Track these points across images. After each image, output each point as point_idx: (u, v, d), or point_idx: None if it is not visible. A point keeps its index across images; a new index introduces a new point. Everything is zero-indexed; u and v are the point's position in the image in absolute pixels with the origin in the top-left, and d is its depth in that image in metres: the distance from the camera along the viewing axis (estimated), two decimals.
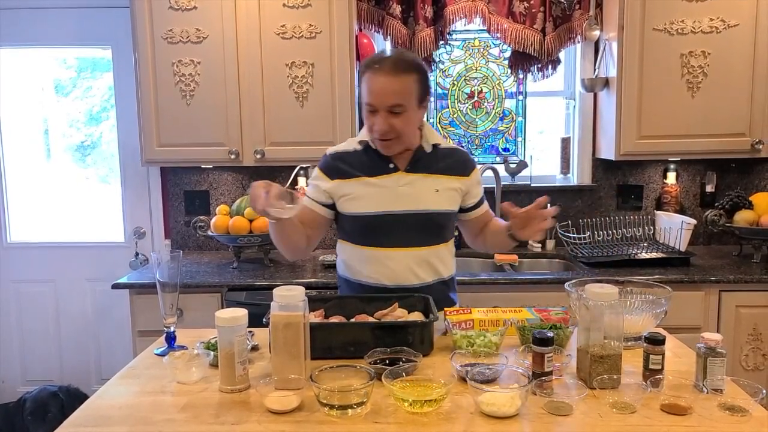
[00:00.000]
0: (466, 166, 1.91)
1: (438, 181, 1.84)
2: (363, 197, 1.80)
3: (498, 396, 1.22)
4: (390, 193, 1.80)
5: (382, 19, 3.04)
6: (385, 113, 1.70)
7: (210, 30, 2.81)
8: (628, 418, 1.21)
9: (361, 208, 1.80)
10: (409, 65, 1.73)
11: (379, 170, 1.82)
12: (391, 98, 1.69)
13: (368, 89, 1.72)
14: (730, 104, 2.80)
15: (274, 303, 1.35)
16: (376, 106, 1.71)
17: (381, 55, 1.78)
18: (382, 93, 1.69)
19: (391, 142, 1.76)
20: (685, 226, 2.82)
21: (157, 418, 1.25)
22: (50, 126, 3.47)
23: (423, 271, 1.83)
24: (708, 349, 1.32)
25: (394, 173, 1.82)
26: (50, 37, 3.26)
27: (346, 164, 1.83)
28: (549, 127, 3.42)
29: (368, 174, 1.81)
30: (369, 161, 1.83)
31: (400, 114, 1.71)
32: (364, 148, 1.84)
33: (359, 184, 1.81)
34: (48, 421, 2.93)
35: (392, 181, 1.81)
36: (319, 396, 1.24)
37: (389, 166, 1.82)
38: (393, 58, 1.74)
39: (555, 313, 1.64)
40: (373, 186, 1.80)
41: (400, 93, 1.70)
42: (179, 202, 3.30)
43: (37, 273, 3.42)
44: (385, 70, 1.69)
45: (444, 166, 1.85)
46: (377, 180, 1.81)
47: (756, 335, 2.61)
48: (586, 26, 2.99)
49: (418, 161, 1.83)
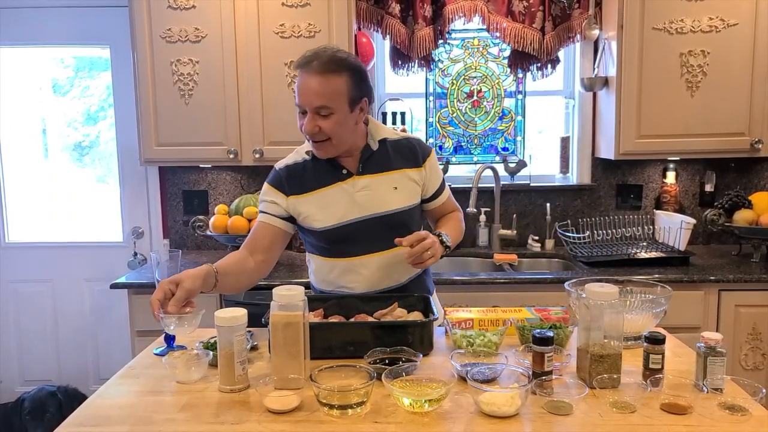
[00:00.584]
0: (418, 154, 1.82)
1: (394, 177, 1.77)
2: (322, 211, 1.74)
3: (498, 396, 1.22)
4: (348, 200, 1.74)
5: (381, 18, 3.04)
6: (312, 114, 1.63)
7: (209, 29, 2.81)
8: (628, 417, 1.21)
9: (322, 223, 1.74)
10: (340, 65, 1.63)
11: (332, 178, 1.75)
12: (316, 99, 1.61)
13: (297, 89, 1.65)
14: (729, 103, 2.80)
15: (273, 303, 1.35)
16: (303, 106, 1.64)
17: (312, 54, 1.65)
18: (308, 94, 1.62)
19: (323, 145, 1.68)
20: (684, 225, 2.82)
21: (156, 417, 1.25)
22: (48, 125, 3.47)
23: (398, 272, 1.79)
24: (708, 348, 1.32)
25: (348, 179, 1.75)
26: (48, 36, 3.26)
27: (298, 178, 1.76)
28: (548, 126, 3.42)
29: (322, 184, 1.75)
30: (320, 170, 1.76)
31: (328, 116, 1.63)
32: (312, 157, 1.77)
33: (316, 198, 1.75)
34: (46, 421, 2.93)
35: (348, 187, 1.74)
36: (318, 396, 1.24)
37: (342, 172, 1.75)
38: (323, 57, 1.63)
39: (555, 313, 1.64)
40: (330, 197, 1.74)
41: (327, 95, 1.61)
42: (178, 201, 3.30)
43: (35, 273, 3.41)
44: (313, 70, 1.61)
45: (397, 160, 1.78)
46: (333, 189, 1.74)
47: (755, 334, 2.61)
48: (586, 25, 2.98)
49: (368, 161, 1.76)
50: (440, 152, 3.32)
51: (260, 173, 3.23)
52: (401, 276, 1.81)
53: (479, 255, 3.14)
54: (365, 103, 1.72)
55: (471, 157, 3.34)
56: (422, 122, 3.33)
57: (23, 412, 2.98)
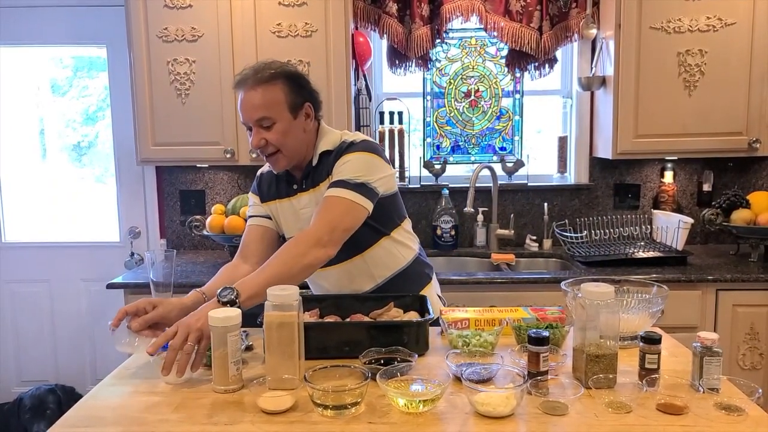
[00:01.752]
0: (334, 160, 1.70)
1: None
2: (282, 222, 1.81)
3: (493, 396, 1.21)
4: (293, 216, 1.77)
5: (379, 17, 3.03)
6: (256, 128, 1.64)
7: (205, 28, 2.80)
8: (623, 417, 1.20)
9: (284, 232, 1.82)
10: (273, 74, 1.63)
11: (285, 192, 1.79)
12: (255, 112, 1.62)
13: (239, 107, 1.66)
14: (727, 103, 2.80)
15: (267, 303, 1.34)
16: (247, 122, 1.66)
17: (247, 71, 1.65)
18: (248, 109, 1.63)
19: (275, 157, 1.68)
20: (682, 225, 2.81)
21: (150, 418, 1.24)
22: (46, 126, 3.46)
23: (361, 281, 1.80)
24: (704, 348, 1.31)
25: (295, 195, 1.77)
26: (45, 36, 3.25)
27: (267, 185, 1.83)
28: (546, 125, 3.42)
29: (279, 196, 1.80)
30: (280, 181, 1.81)
31: (271, 127, 1.63)
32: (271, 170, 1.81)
33: (274, 208, 1.81)
34: (47, 417, 2.95)
35: (295, 203, 1.77)
36: (313, 396, 1.23)
37: (293, 187, 1.78)
38: (254, 69, 1.64)
39: (551, 313, 1.63)
40: (282, 210, 1.80)
41: (264, 105, 1.61)
42: (175, 201, 3.29)
43: (32, 273, 3.41)
44: (248, 84, 1.63)
45: (331, 170, 1.70)
46: (284, 203, 1.79)
47: (753, 334, 2.61)
48: (583, 25, 2.98)
49: (308, 176, 1.75)
50: (438, 152, 3.32)
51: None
52: (363, 284, 1.80)
53: (476, 255, 3.13)
54: (309, 108, 1.70)
55: (468, 156, 3.33)
56: (420, 122, 3.33)
57: (23, 410, 2.98)
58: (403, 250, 1.83)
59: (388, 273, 1.81)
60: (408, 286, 1.83)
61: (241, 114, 1.67)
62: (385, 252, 1.79)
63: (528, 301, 2.20)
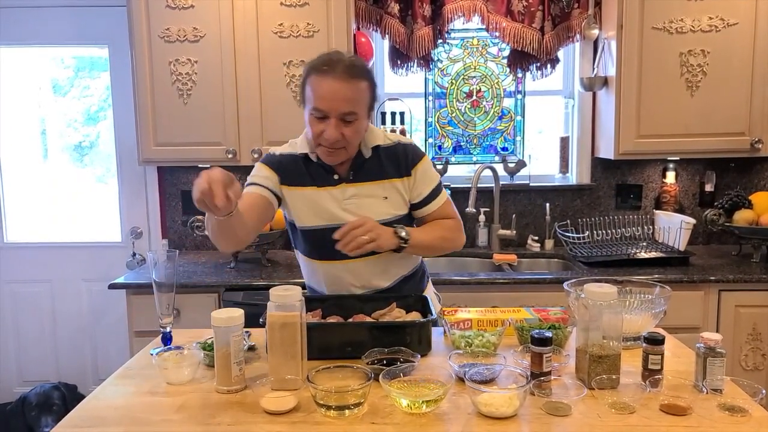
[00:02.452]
0: (408, 162, 1.76)
1: (384, 186, 1.74)
2: (309, 210, 1.72)
3: (496, 396, 1.21)
4: (336, 207, 1.71)
5: (380, 17, 3.03)
6: (336, 121, 1.58)
7: (207, 29, 2.80)
8: (627, 418, 1.20)
9: (306, 222, 1.73)
10: (363, 71, 1.62)
11: (323, 181, 1.72)
12: (344, 105, 1.57)
13: (319, 94, 1.58)
14: (729, 103, 2.79)
15: (270, 303, 1.34)
16: (327, 112, 1.58)
17: (331, 57, 1.61)
18: (335, 99, 1.57)
19: (339, 152, 1.65)
20: (684, 225, 2.81)
21: (153, 418, 1.24)
22: (48, 126, 3.46)
23: (381, 279, 1.79)
24: (707, 348, 1.31)
25: (339, 185, 1.72)
26: (47, 36, 3.25)
27: (292, 169, 1.73)
28: (548, 126, 3.41)
29: (314, 184, 1.72)
30: (313, 170, 1.73)
31: (352, 123, 1.60)
32: (305, 157, 1.73)
33: (305, 195, 1.72)
34: (54, 412, 2.98)
35: (338, 194, 1.72)
36: (315, 397, 1.23)
37: (333, 177, 1.72)
38: (346, 62, 1.60)
39: (554, 313, 1.63)
40: (319, 199, 1.72)
41: (354, 100, 1.59)
42: (176, 201, 3.29)
43: (34, 273, 3.41)
44: (339, 74, 1.57)
45: (388, 168, 1.75)
46: (322, 192, 1.72)
47: (755, 335, 2.60)
48: (585, 25, 2.98)
49: (359, 169, 1.73)
50: (439, 152, 3.32)
51: None
52: (384, 282, 1.80)
53: (478, 255, 3.13)
54: (374, 109, 1.73)
55: (470, 157, 3.33)
56: (421, 122, 3.33)
57: (28, 408, 3.00)
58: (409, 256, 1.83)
59: (402, 273, 1.83)
60: (414, 286, 1.87)
61: (319, 100, 1.58)
62: (402, 254, 1.77)
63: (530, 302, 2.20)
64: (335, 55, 1.63)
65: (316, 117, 1.61)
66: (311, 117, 1.62)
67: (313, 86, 1.60)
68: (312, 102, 1.60)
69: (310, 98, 1.61)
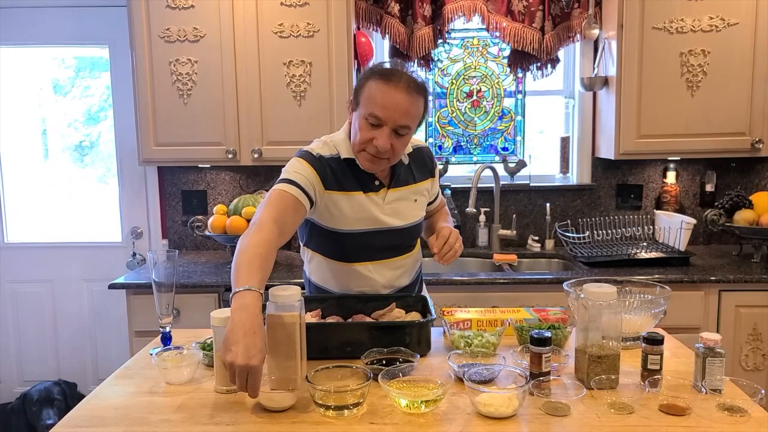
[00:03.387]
0: (431, 165, 1.87)
1: (415, 190, 1.80)
2: (354, 214, 1.70)
3: (495, 396, 1.21)
4: (379, 211, 1.72)
5: (381, 17, 3.03)
6: (389, 131, 1.57)
7: (207, 29, 2.81)
8: (626, 418, 1.20)
9: (352, 226, 1.70)
10: (423, 88, 1.63)
11: (365, 186, 1.71)
12: (403, 118, 1.57)
13: (380, 101, 1.56)
14: (729, 103, 2.79)
15: (269, 303, 1.34)
16: (384, 121, 1.57)
17: (396, 68, 1.61)
18: (396, 110, 1.56)
19: (381, 162, 1.64)
20: (684, 225, 2.81)
21: (152, 418, 1.24)
22: (48, 126, 3.47)
23: (403, 278, 1.82)
24: (707, 349, 1.31)
25: (381, 191, 1.73)
26: (47, 36, 3.25)
27: (336, 174, 1.68)
28: (548, 126, 3.41)
29: (353, 189, 1.69)
30: (354, 174, 1.70)
31: (403, 136, 1.61)
32: (345, 160, 1.69)
33: (351, 199, 1.69)
34: (56, 406, 3.00)
35: (379, 199, 1.72)
36: (315, 397, 1.23)
37: (374, 183, 1.72)
38: (408, 76, 1.59)
39: (553, 313, 1.63)
40: (362, 204, 1.70)
41: (411, 115, 1.59)
42: (176, 201, 3.29)
43: (34, 273, 3.41)
44: (402, 87, 1.56)
45: (417, 172, 1.81)
46: (365, 198, 1.70)
47: (756, 335, 2.60)
48: (585, 25, 2.98)
49: (398, 176, 1.76)
50: (440, 152, 3.31)
51: (259, 173, 3.23)
52: (405, 280, 1.83)
53: (479, 255, 3.13)
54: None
55: (470, 157, 3.33)
56: None
57: (29, 404, 3.01)
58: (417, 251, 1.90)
59: (417, 269, 1.89)
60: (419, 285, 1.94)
61: (379, 108, 1.56)
62: (419, 252, 1.88)
63: (530, 302, 2.20)
64: (399, 66, 1.64)
65: (370, 123, 1.59)
66: (364, 122, 1.60)
67: (374, 92, 1.58)
68: (370, 108, 1.58)
69: (369, 103, 1.58)
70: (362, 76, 1.65)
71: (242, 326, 1.19)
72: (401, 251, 1.79)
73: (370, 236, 1.71)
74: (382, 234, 1.73)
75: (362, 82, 1.63)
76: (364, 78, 1.64)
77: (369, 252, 1.74)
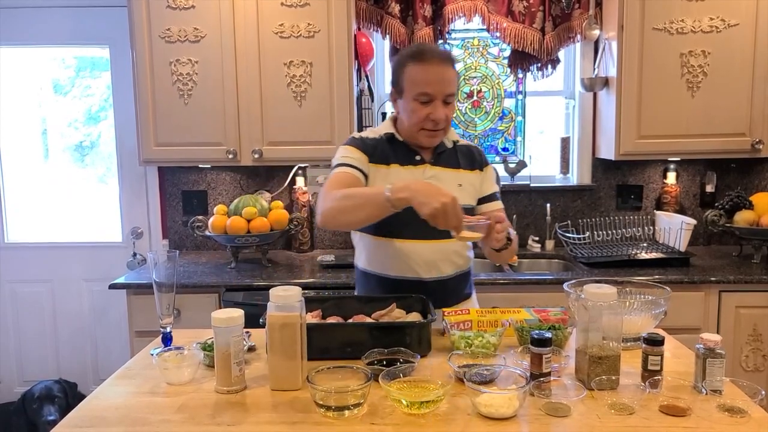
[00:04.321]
0: (482, 160, 1.95)
1: (459, 175, 1.87)
2: (376, 183, 1.79)
3: (496, 397, 1.21)
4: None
5: (381, 18, 3.03)
6: (440, 102, 1.72)
7: (208, 29, 2.81)
8: (626, 419, 1.20)
9: None
10: (451, 56, 1.77)
11: (406, 160, 1.83)
12: (448, 86, 1.72)
13: (424, 78, 1.70)
14: (730, 104, 2.79)
15: (270, 303, 1.34)
16: (434, 95, 1.71)
17: (424, 47, 1.79)
18: (442, 81, 1.71)
19: (439, 133, 1.79)
20: (684, 226, 2.81)
21: (152, 418, 1.24)
22: (49, 126, 3.47)
23: (444, 264, 1.84)
24: (707, 349, 1.31)
25: (420, 165, 1.83)
26: (48, 36, 3.26)
27: (377, 149, 1.83)
28: (548, 126, 3.41)
29: (395, 163, 1.82)
30: (396, 150, 1.84)
31: (450, 104, 1.75)
32: (389, 139, 1.84)
33: (390, 172, 1.81)
34: (57, 403, 3.00)
35: (419, 173, 1.82)
36: (315, 397, 1.23)
37: (416, 157, 1.83)
38: (437, 50, 1.76)
39: (554, 314, 1.63)
40: (399, 175, 1.80)
41: (453, 82, 1.74)
42: (177, 201, 3.29)
43: (35, 273, 3.41)
44: (439, 59, 1.71)
45: (463, 161, 1.89)
46: (405, 170, 1.81)
47: (756, 336, 2.60)
48: (586, 25, 2.98)
49: (440, 155, 1.86)
50: None
51: (259, 173, 3.23)
52: (447, 269, 1.85)
53: (479, 255, 3.12)
54: None
55: None
56: None
57: (30, 402, 3.01)
58: (470, 254, 1.94)
59: (463, 266, 1.89)
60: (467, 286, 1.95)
61: (427, 85, 1.70)
62: (465, 247, 1.90)
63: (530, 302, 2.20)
64: (426, 45, 1.82)
65: (421, 102, 1.73)
66: (415, 103, 1.73)
67: (415, 74, 1.72)
68: (418, 88, 1.72)
69: (414, 85, 1.72)
70: (396, 65, 1.80)
71: (419, 186, 1.52)
72: (441, 234, 1.74)
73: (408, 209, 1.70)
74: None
75: (399, 70, 1.78)
76: (399, 66, 1.78)
77: (407, 226, 1.74)
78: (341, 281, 2.63)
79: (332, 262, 2.86)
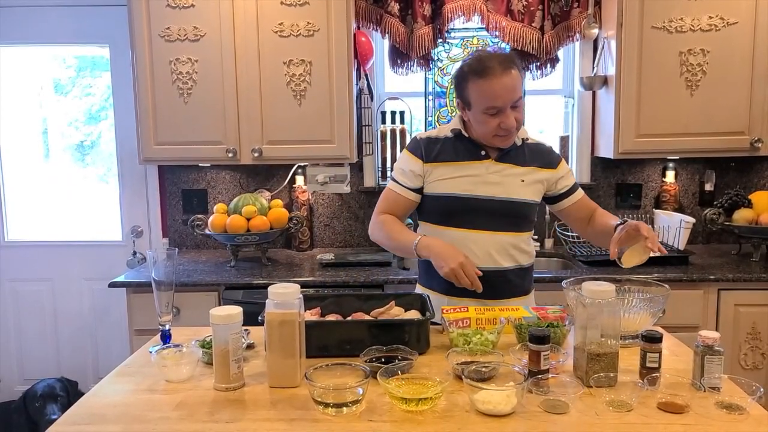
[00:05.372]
0: (552, 158, 1.98)
1: (524, 172, 1.90)
2: (452, 179, 1.87)
3: (494, 394, 1.21)
4: (479, 178, 1.86)
5: (380, 17, 3.03)
6: (509, 110, 1.76)
7: (207, 28, 2.81)
8: (624, 416, 1.20)
9: (449, 189, 1.87)
10: (513, 60, 1.79)
11: (471, 156, 1.88)
12: (513, 94, 1.76)
13: (490, 93, 1.74)
14: (729, 102, 2.79)
15: (269, 301, 1.34)
16: (502, 107, 1.75)
17: (482, 56, 1.79)
18: (506, 91, 1.74)
19: (512, 135, 1.83)
20: (683, 224, 2.81)
21: (151, 416, 1.24)
22: (49, 125, 3.47)
23: (502, 256, 1.87)
24: (705, 347, 1.31)
25: (485, 160, 1.87)
26: (48, 36, 3.26)
27: (438, 148, 1.90)
28: (548, 125, 3.41)
29: (460, 159, 1.88)
30: (461, 147, 1.89)
31: (519, 106, 1.79)
32: (456, 136, 1.90)
33: (450, 168, 1.87)
34: (59, 401, 2.99)
35: (483, 168, 1.87)
36: (314, 394, 1.23)
37: (481, 153, 1.88)
38: (498, 57, 1.77)
39: (552, 311, 1.63)
40: (463, 170, 1.87)
41: (518, 87, 1.78)
42: (177, 200, 3.30)
43: (35, 272, 3.42)
44: (500, 71, 1.73)
45: (531, 158, 1.92)
46: (468, 165, 1.87)
47: (755, 334, 2.60)
48: (585, 24, 2.98)
49: (507, 152, 1.89)
50: None
51: (259, 172, 3.24)
52: (504, 261, 1.88)
53: None
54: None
55: None
56: (421, 121, 3.33)
57: (32, 400, 3.00)
58: (532, 251, 1.98)
59: (521, 262, 1.92)
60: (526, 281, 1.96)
61: (493, 99, 1.74)
62: (526, 243, 1.94)
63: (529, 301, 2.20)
64: (484, 54, 1.80)
65: (490, 114, 1.77)
66: (484, 116, 1.78)
67: (481, 90, 1.76)
68: (486, 102, 1.76)
69: (481, 101, 1.77)
70: (459, 81, 1.83)
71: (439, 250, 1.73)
72: (500, 227, 1.86)
73: (467, 200, 1.85)
74: (480, 201, 1.85)
75: (462, 85, 1.81)
76: (462, 81, 1.81)
77: (466, 216, 1.85)
78: (341, 280, 2.63)
79: (332, 260, 2.87)
